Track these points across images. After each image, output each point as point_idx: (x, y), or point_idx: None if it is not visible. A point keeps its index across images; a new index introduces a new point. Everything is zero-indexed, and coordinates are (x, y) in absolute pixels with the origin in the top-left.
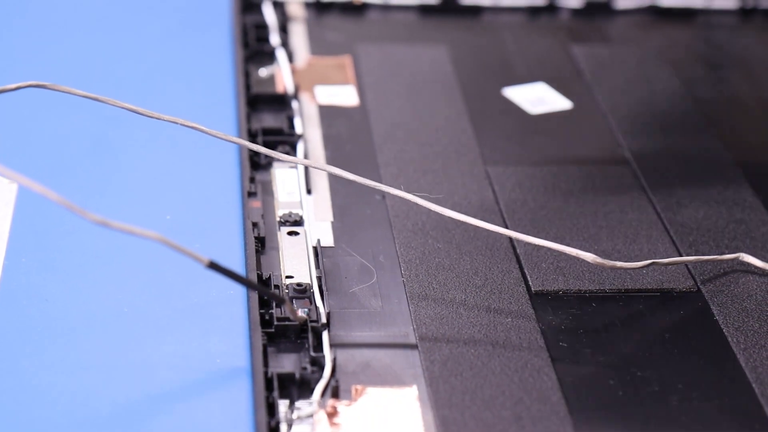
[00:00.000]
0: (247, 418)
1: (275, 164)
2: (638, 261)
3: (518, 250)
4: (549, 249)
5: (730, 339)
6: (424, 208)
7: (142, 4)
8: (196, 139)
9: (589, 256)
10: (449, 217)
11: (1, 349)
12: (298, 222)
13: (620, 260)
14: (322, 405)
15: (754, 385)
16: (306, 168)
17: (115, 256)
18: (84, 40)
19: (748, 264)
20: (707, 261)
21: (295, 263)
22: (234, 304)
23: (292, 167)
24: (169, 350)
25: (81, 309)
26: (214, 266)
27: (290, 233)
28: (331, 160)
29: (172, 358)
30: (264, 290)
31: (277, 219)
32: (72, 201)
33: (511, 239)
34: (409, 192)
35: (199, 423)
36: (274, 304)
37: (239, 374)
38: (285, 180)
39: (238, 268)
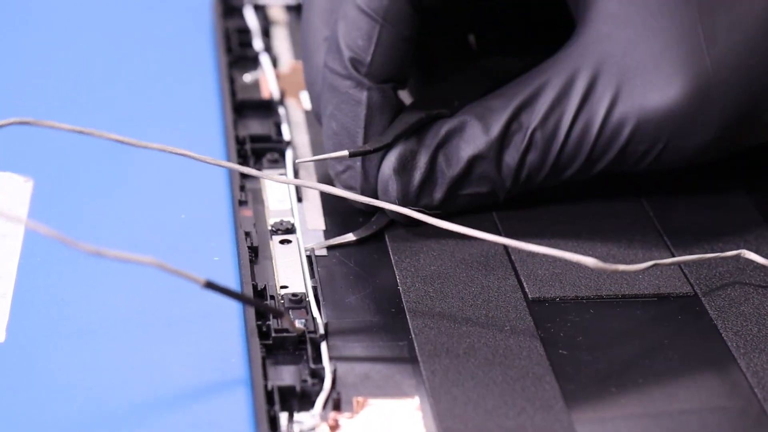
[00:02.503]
0: None
1: (265, 171)
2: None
3: (513, 257)
4: (546, 255)
5: (729, 343)
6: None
7: (121, 13)
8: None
9: (590, 261)
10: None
11: (18, 349)
12: (290, 230)
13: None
14: (323, 417)
15: (756, 390)
16: (296, 173)
17: None
18: (65, 49)
19: (750, 261)
20: (709, 259)
21: (289, 273)
22: (231, 316)
23: (282, 174)
24: (167, 363)
25: (93, 312)
26: (210, 285)
27: (282, 242)
28: (319, 167)
29: (169, 372)
30: (262, 305)
31: (269, 227)
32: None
33: (505, 246)
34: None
35: None
36: (271, 316)
37: (238, 387)
38: (275, 188)
39: (233, 279)
